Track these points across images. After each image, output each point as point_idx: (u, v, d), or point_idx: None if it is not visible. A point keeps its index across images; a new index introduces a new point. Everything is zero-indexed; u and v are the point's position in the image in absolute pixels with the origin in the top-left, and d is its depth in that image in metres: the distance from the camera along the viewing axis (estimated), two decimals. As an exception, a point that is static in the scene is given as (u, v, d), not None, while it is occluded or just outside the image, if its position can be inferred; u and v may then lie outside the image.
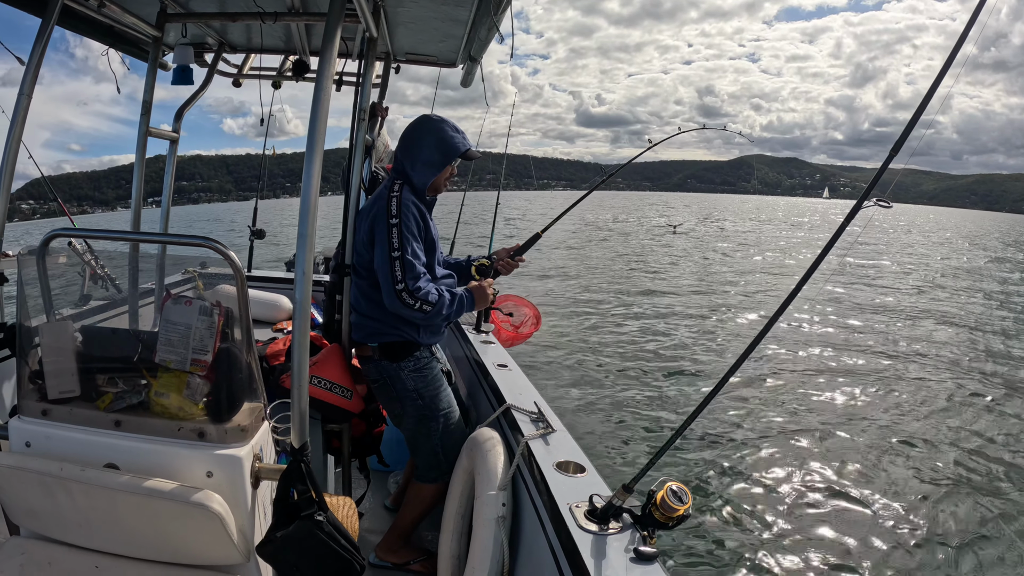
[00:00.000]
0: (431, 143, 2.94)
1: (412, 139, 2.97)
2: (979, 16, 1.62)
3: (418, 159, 2.93)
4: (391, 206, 2.78)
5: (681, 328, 12.83)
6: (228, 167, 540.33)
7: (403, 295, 2.71)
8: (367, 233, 2.86)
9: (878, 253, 31.42)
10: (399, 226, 2.75)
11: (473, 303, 3.04)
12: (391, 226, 2.74)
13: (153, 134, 3.34)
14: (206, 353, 1.85)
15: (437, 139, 2.94)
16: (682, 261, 25.77)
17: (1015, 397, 8.92)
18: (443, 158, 2.96)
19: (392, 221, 2.75)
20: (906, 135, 1.73)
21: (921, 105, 1.72)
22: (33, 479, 1.79)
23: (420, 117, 3.05)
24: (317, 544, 1.84)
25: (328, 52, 2.01)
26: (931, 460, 6.81)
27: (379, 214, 2.80)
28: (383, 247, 2.75)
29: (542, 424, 2.64)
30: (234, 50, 3.95)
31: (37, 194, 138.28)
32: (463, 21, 3.19)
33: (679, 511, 1.81)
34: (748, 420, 7.73)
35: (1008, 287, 21.42)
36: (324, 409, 3.01)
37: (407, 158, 2.95)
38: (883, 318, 14.60)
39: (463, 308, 2.98)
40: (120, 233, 2.57)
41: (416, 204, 2.87)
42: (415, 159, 2.93)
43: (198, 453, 1.82)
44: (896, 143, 1.74)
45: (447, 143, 2.95)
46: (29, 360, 1.93)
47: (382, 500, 3.89)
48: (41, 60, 2.44)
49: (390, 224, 2.75)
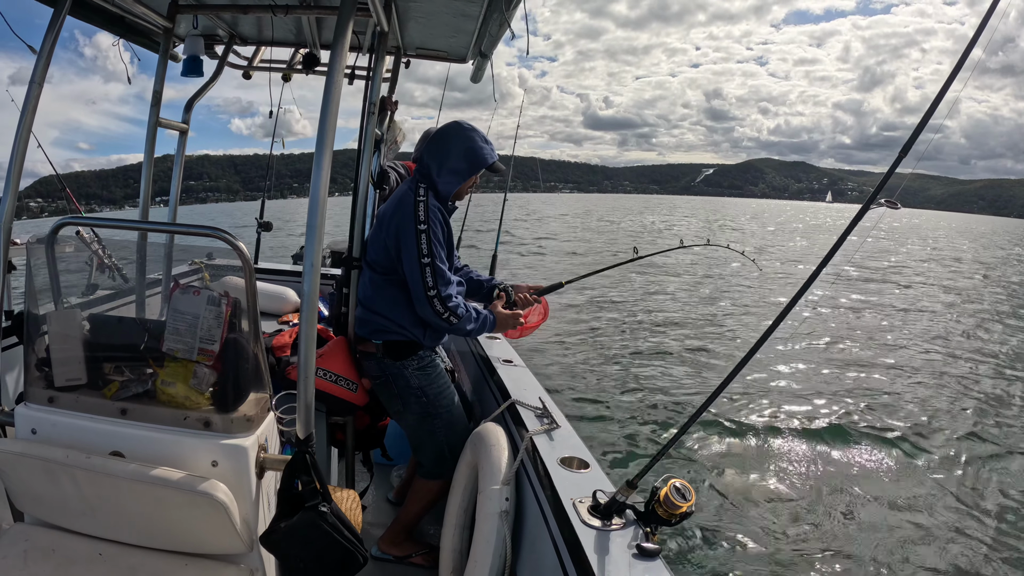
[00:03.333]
0: (459, 151, 2.93)
1: (441, 145, 2.96)
2: (989, 21, 1.62)
3: (444, 166, 2.92)
4: (419, 211, 2.78)
5: (688, 326, 12.82)
6: (236, 167, 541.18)
7: (435, 301, 2.75)
8: (393, 236, 2.84)
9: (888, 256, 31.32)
10: (427, 232, 2.76)
11: (495, 326, 3.09)
12: (419, 231, 2.75)
13: (163, 124, 3.35)
14: (213, 343, 1.85)
15: (467, 148, 2.94)
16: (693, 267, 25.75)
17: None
18: (470, 168, 2.96)
19: (421, 227, 2.76)
20: (914, 139, 1.72)
21: (930, 109, 1.72)
22: (38, 466, 1.79)
23: (451, 123, 3.04)
24: (320, 535, 1.84)
25: (339, 45, 2.01)
26: (944, 462, 6.81)
27: (406, 218, 2.79)
28: (411, 252, 2.75)
29: (547, 420, 2.65)
30: (245, 42, 3.95)
31: (45, 192, 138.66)
32: (474, 16, 3.18)
33: (682, 508, 1.81)
34: (753, 418, 7.73)
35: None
36: (329, 401, 3.01)
37: (434, 163, 2.93)
38: (892, 317, 14.60)
39: (485, 328, 3.04)
40: (129, 222, 2.57)
41: (441, 210, 2.88)
42: (441, 165, 2.92)
43: (203, 442, 1.82)
44: (904, 146, 1.74)
45: (476, 153, 2.95)
46: (36, 347, 1.94)
47: (385, 493, 3.91)
48: (52, 49, 2.44)
49: (418, 229, 2.75)
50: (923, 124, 1.72)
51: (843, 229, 1.81)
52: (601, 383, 8.88)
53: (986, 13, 1.63)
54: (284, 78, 4.32)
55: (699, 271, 22.43)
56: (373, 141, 3.30)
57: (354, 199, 3.21)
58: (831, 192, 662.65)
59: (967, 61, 1.63)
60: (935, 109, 1.70)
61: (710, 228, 51.07)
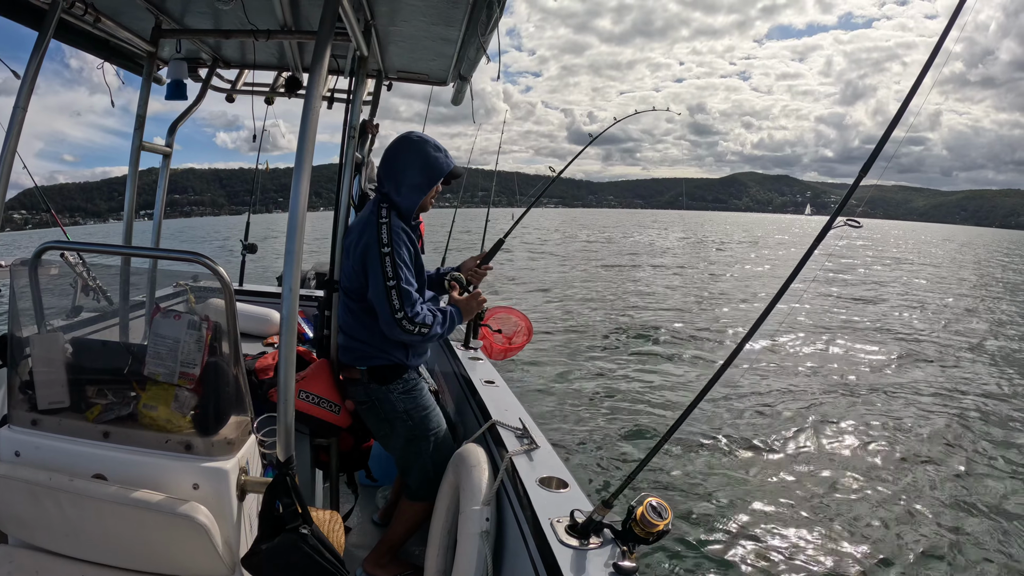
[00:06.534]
0: (415, 165, 2.93)
1: (394, 162, 2.96)
2: (957, 19, 1.65)
3: (403, 183, 2.92)
4: (381, 234, 2.78)
5: (662, 344, 12.87)
6: (221, 181, 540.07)
7: (403, 323, 2.74)
8: (359, 261, 2.85)
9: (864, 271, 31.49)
10: (391, 255, 2.75)
11: (461, 316, 3.08)
12: (383, 255, 2.75)
13: (146, 148, 3.36)
14: (194, 366, 1.87)
15: (421, 161, 2.93)
16: (670, 277, 25.84)
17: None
18: (428, 180, 2.96)
19: (384, 250, 2.75)
20: (878, 151, 1.75)
21: (897, 114, 1.74)
22: (22, 488, 1.81)
23: (400, 137, 3.03)
24: (301, 557, 1.85)
25: (318, 69, 2.05)
26: (918, 468, 6.90)
27: (370, 243, 2.79)
28: (377, 277, 2.75)
29: (527, 440, 2.66)
30: (228, 65, 3.97)
31: (29, 204, 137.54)
32: (453, 40, 3.22)
33: (659, 526, 1.82)
34: (729, 433, 7.76)
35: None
36: (312, 423, 3.02)
37: (390, 181, 2.94)
38: (868, 328, 14.74)
39: (454, 323, 3.03)
40: (111, 247, 2.59)
41: (405, 230, 2.87)
42: (399, 183, 2.92)
43: (185, 465, 1.84)
44: (866, 162, 1.77)
45: (431, 165, 2.95)
46: (20, 370, 1.95)
47: (370, 515, 3.90)
48: (37, 73, 2.46)
49: (383, 253, 2.75)
50: (889, 131, 1.73)
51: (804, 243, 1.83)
52: (582, 404, 8.87)
53: (953, 10, 1.66)
54: (267, 101, 4.34)
55: (684, 288, 22.53)
56: (353, 164, 3.33)
57: (335, 222, 3.23)
58: (810, 205, 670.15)
59: (938, 74, 1.65)
60: (902, 115, 1.71)
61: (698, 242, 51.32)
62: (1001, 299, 22.75)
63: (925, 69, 1.68)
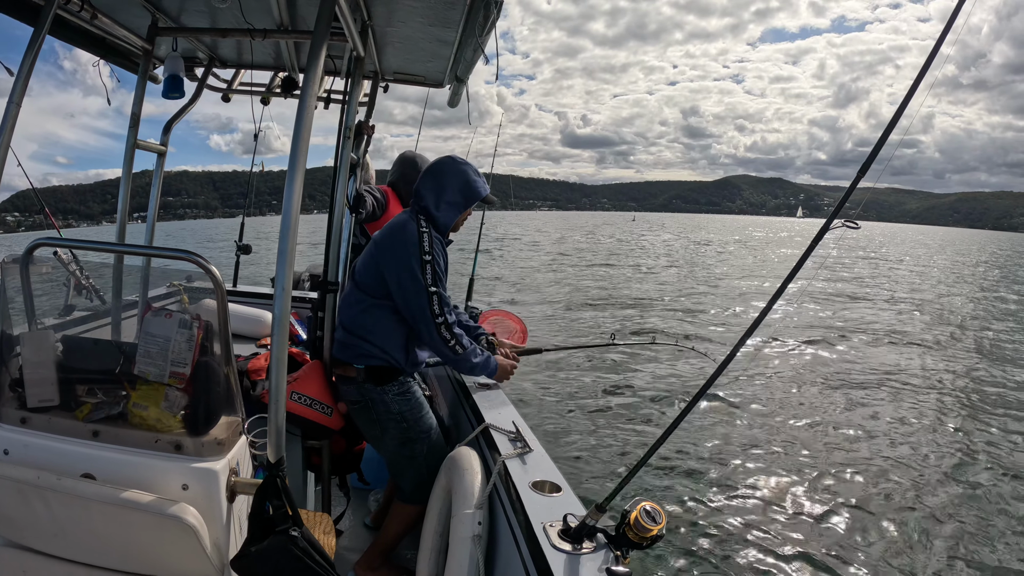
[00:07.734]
0: (456, 185, 3.04)
1: (438, 179, 3.05)
2: (954, 23, 1.64)
3: (443, 199, 3.01)
4: (423, 242, 2.86)
5: (658, 347, 12.83)
6: (215, 183, 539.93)
7: (442, 329, 2.85)
8: (391, 264, 2.90)
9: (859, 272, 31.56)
10: (432, 263, 2.85)
11: (496, 371, 3.20)
12: (425, 262, 2.84)
13: (141, 146, 3.34)
14: (184, 366, 1.86)
15: (463, 182, 3.05)
16: (666, 278, 25.87)
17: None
18: (466, 201, 3.07)
19: (426, 258, 2.84)
20: (875, 154, 1.75)
21: (893, 118, 1.73)
22: (10, 487, 1.79)
23: (446, 158, 3.14)
24: (291, 559, 1.84)
25: (313, 70, 2.04)
26: (910, 475, 6.86)
27: (410, 246, 2.86)
28: (416, 282, 2.83)
29: (520, 443, 2.65)
30: (224, 65, 3.96)
31: (23, 206, 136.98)
32: (450, 42, 3.23)
33: (652, 531, 1.81)
34: (721, 439, 7.74)
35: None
36: (304, 425, 3.01)
37: (430, 196, 3.02)
38: (860, 335, 14.72)
39: (487, 369, 3.14)
40: (104, 244, 2.57)
41: (441, 243, 2.98)
42: (439, 199, 3.01)
43: (174, 465, 1.82)
44: (864, 164, 1.77)
45: (471, 187, 3.07)
46: (9, 368, 1.94)
47: (362, 518, 3.88)
48: (31, 69, 2.44)
49: (423, 259, 2.84)
50: (887, 133, 1.74)
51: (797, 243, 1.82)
52: (575, 407, 8.85)
53: (950, 16, 1.66)
54: (263, 101, 4.34)
55: (677, 288, 22.53)
56: (349, 165, 3.32)
57: (329, 223, 3.23)
58: (802, 208, 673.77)
59: (934, 77, 1.65)
60: (898, 120, 1.71)
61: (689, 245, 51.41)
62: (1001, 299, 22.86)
63: (923, 71, 1.67)
